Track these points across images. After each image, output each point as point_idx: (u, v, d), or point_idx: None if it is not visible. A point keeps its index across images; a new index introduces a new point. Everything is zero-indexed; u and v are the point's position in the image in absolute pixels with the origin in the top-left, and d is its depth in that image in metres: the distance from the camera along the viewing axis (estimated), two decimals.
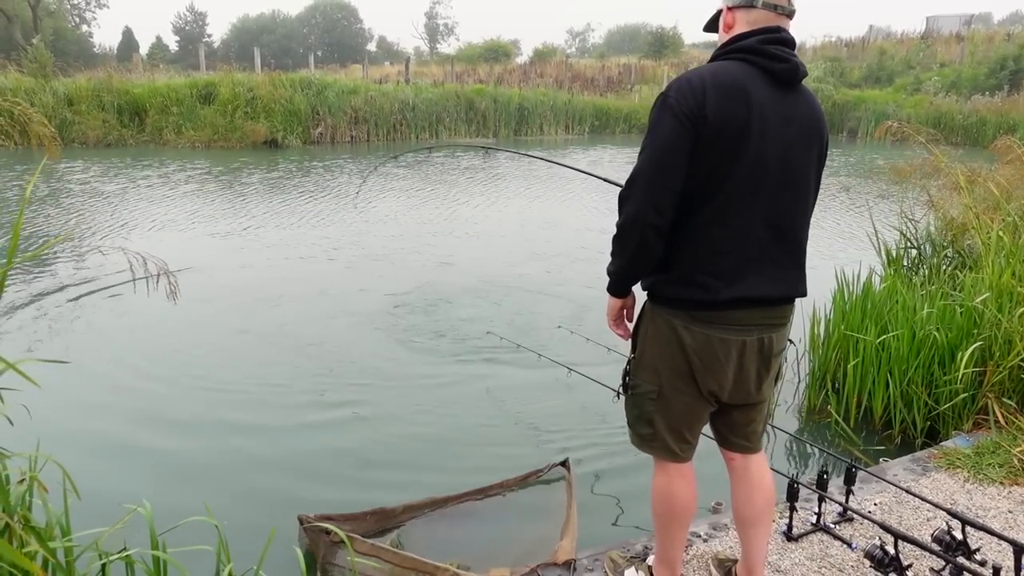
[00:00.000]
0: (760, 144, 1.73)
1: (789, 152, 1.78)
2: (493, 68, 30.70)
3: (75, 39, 44.27)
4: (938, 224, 5.33)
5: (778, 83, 1.77)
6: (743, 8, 1.80)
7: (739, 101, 1.71)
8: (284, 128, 18.13)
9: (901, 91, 23.94)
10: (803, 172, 1.83)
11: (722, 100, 1.70)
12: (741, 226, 1.77)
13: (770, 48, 1.75)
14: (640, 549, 2.51)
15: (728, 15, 1.84)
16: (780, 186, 1.78)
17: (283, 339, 5.30)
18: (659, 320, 1.90)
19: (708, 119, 1.69)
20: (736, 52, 1.78)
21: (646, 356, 1.95)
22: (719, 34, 1.90)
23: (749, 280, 1.79)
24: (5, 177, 12.44)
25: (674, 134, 1.71)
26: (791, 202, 1.82)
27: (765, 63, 1.75)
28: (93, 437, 3.83)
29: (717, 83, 1.71)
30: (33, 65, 17.84)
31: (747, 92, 1.72)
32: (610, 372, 3.75)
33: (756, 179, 1.75)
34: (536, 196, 11.79)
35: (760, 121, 1.72)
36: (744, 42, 1.77)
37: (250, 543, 2.37)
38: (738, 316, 1.82)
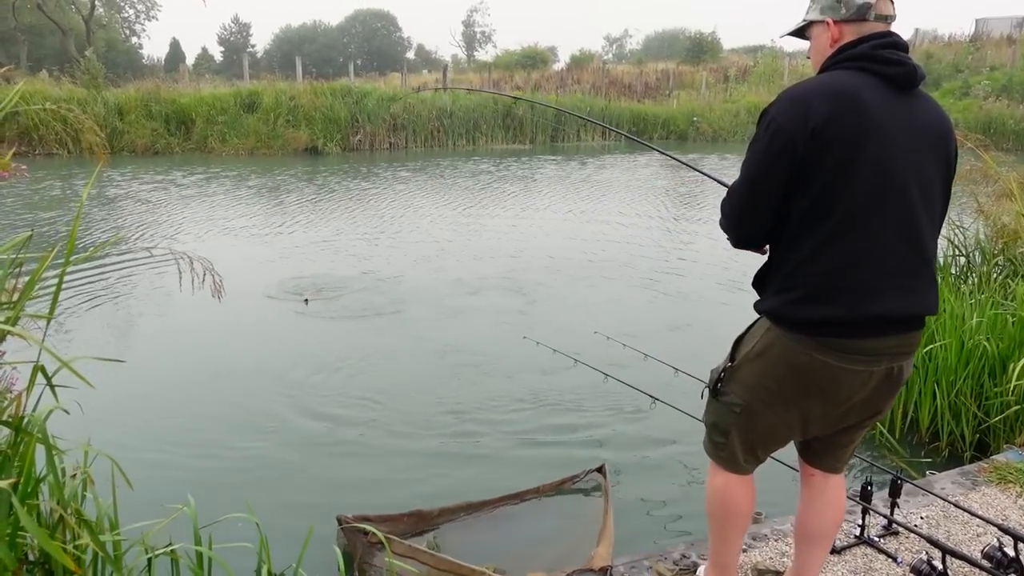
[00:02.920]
0: (880, 151, 1.62)
1: (913, 158, 1.67)
2: (530, 75, 30.76)
3: (125, 51, 45.67)
4: (988, 231, 5.18)
5: (896, 88, 1.67)
6: (854, 22, 1.72)
7: (850, 109, 1.62)
8: (324, 135, 18.43)
9: (949, 95, 23.32)
10: (930, 179, 1.70)
11: (831, 110, 1.61)
12: (870, 239, 1.65)
13: (884, 53, 1.67)
14: (678, 556, 2.49)
15: (835, 28, 1.74)
16: (907, 195, 1.66)
17: (326, 345, 5.38)
18: (777, 342, 1.75)
19: (814, 132, 1.60)
20: (847, 61, 1.70)
21: (744, 370, 1.83)
22: (815, 47, 1.82)
23: (885, 296, 1.66)
24: (65, 178, 12.88)
25: (771, 153, 1.66)
26: (920, 212, 1.69)
27: (880, 68, 1.66)
28: (138, 434, 3.94)
29: (825, 93, 1.64)
30: (86, 76, 18.44)
31: (859, 98, 1.63)
32: (646, 378, 3.73)
33: (881, 189, 1.64)
34: (573, 203, 11.77)
35: (878, 127, 1.63)
36: (855, 49, 1.69)
37: (289, 542, 2.41)
38: (871, 345, 1.68)
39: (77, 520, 1.77)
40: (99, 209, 10.80)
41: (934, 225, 1.75)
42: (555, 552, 2.80)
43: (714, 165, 17.23)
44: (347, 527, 2.75)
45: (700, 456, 3.66)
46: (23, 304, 1.71)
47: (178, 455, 3.76)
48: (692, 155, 19.26)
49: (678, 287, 7.00)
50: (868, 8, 1.69)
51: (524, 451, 3.83)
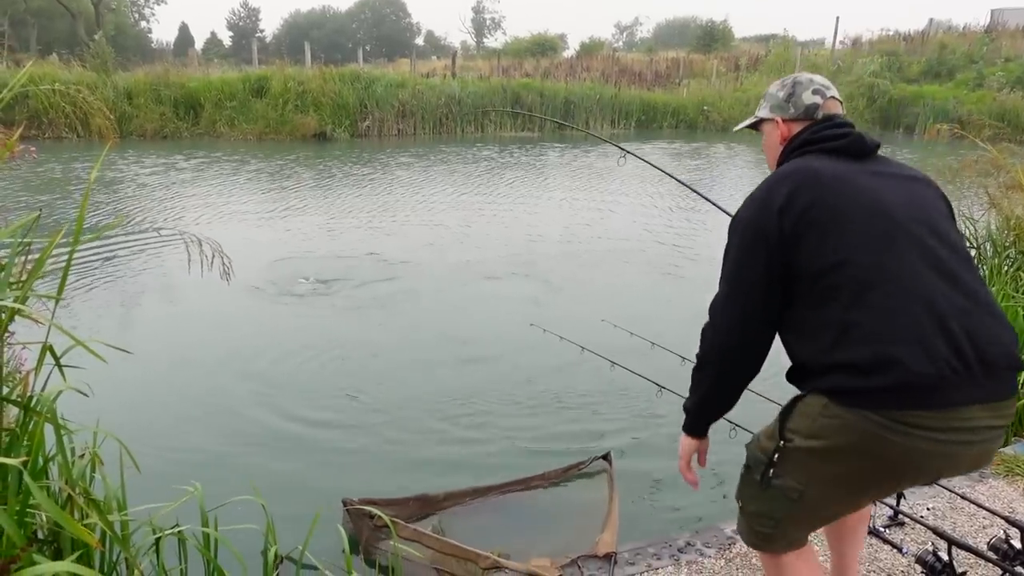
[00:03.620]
0: (860, 196, 1.54)
1: (901, 196, 1.57)
2: (539, 62, 30.59)
3: (134, 35, 45.68)
4: (999, 223, 5.13)
5: (852, 157, 1.63)
6: (802, 121, 1.74)
7: (809, 179, 1.58)
8: (333, 121, 18.40)
9: (962, 86, 23.08)
10: (938, 222, 1.57)
11: (791, 187, 1.57)
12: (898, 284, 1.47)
13: (824, 132, 1.67)
14: (682, 544, 2.49)
15: (783, 127, 1.76)
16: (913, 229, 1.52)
17: (332, 329, 5.40)
18: (838, 422, 1.48)
19: (781, 211, 1.55)
20: (794, 151, 1.71)
21: (806, 455, 1.55)
22: (767, 142, 1.82)
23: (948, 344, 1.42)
24: (66, 162, 12.92)
25: (744, 250, 1.61)
26: (937, 244, 1.53)
27: (825, 145, 1.65)
28: (147, 417, 3.97)
29: (780, 178, 1.61)
30: (95, 60, 18.45)
31: (814, 169, 1.60)
32: (653, 366, 3.72)
33: (879, 231, 1.51)
34: (581, 190, 11.73)
35: (847, 183, 1.56)
36: (799, 138, 1.71)
37: (296, 525, 2.43)
38: (956, 416, 1.43)
39: (86, 500, 1.79)
40: (102, 192, 10.83)
41: (962, 257, 1.55)
42: (560, 538, 2.81)
43: (722, 154, 17.14)
44: (353, 510, 2.76)
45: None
46: (31, 284, 1.72)
47: (186, 438, 3.79)
48: (697, 143, 19.15)
49: (685, 275, 6.99)
50: (816, 109, 1.73)
51: (530, 438, 3.84)
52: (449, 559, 2.55)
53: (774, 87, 1.81)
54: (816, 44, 35.06)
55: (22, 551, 1.47)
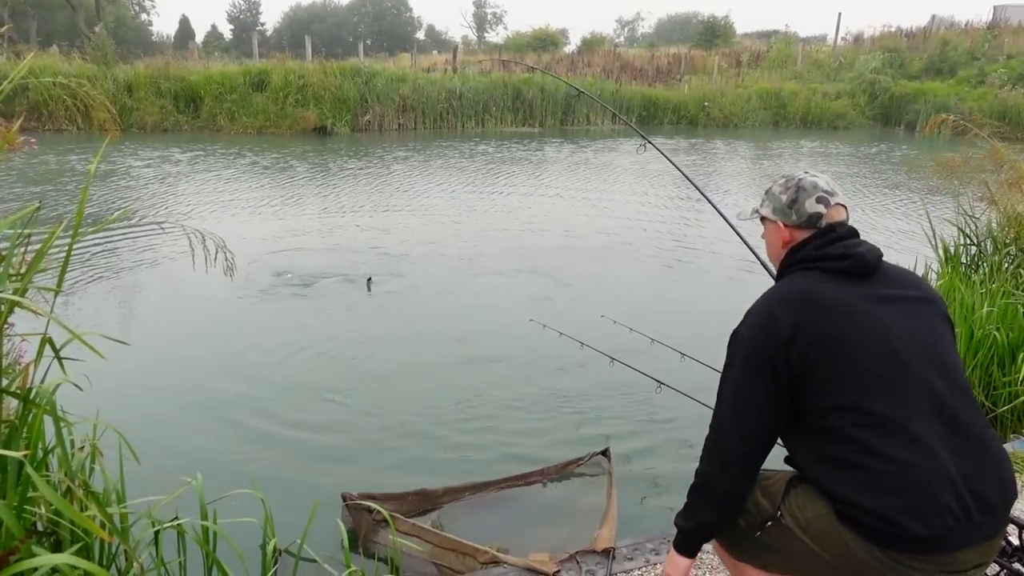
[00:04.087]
0: (862, 334, 1.54)
1: (904, 329, 1.57)
2: (541, 57, 30.55)
3: (135, 27, 45.55)
4: (1000, 220, 5.12)
5: (856, 278, 1.62)
6: (804, 228, 1.71)
7: (814, 308, 1.57)
8: (333, 115, 18.37)
9: (964, 83, 23.05)
10: (941, 351, 1.58)
11: (797, 315, 1.56)
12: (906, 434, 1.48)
13: (828, 250, 1.65)
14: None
15: (785, 232, 1.74)
16: (922, 372, 1.53)
17: (331, 324, 5.40)
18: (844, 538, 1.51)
19: (788, 343, 1.54)
20: (796, 264, 1.70)
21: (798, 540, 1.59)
22: (769, 241, 1.81)
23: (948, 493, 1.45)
24: (61, 154, 12.90)
25: (749, 374, 1.59)
26: (944, 387, 1.53)
27: (829, 265, 1.63)
28: (147, 410, 3.97)
29: (785, 301, 1.61)
30: (96, 53, 18.40)
31: (818, 295, 1.59)
32: (653, 362, 3.72)
33: (882, 370, 1.51)
34: (582, 185, 11.72)
35: (851, 314, 1.55)
36: (801, 252, 1.69)
37: (295, 519, 2.43)
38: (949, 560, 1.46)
39: (85, 492, 1.79)
40: (96, 184, 10.80)
41: (961, 390, 1.56)
42: (559, 533, 2.82)
43: (721, 151, 17.12)
44: (352, 504, 2.77)
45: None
46: (31, 276, 1.72)
47: (185, 431, 3.79)
48: (695, 139, 19.12)
49: (685, 271, 6.98)
50: (819, 218, 1.69)
51: (529, 433, 3.84)
52: (448, 554, 2.56)
53: (777, 187, 1.77)
54: (818, 40, 35.02)
55: (21, 543, 1.48)
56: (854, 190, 11.66)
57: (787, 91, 23.72)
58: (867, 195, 11.22)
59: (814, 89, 23.94)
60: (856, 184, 12.29)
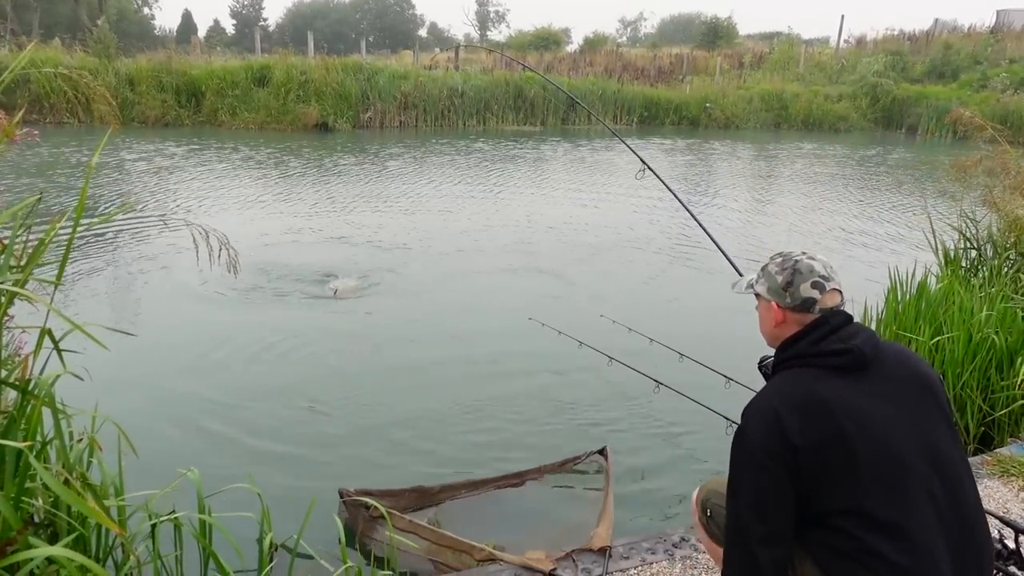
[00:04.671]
0: (873, 444, 1.54)
1: (910, 430, 1.58)
2: (543, 56, 30.50)
3: (137, 21, 45.49)
4: (1001, 225, 5.12)
5: (851, 372, 1.62)
6: (797, 311, 1.70)
7: (819, 413, 1.56)
8: (335, 112, 18.36)
9: (966, 87, 23.05)
10: (939, 444, 1.59)
11: (803, 422, 1.55)
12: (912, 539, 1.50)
13: (823, 346, 1.64)
14: (677, 540, 2.50)
15: (778, 312, 1.72)
16: (927, 475, 1.55)
17: (333, 318, 5.40)
18: None
19: (797, 450, 1.53)
20: (792, 359, 1.68)
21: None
22: (762, 317, 1.80)
23: None
24: (56, 146, 12.89)
25: (764, 476, 1.56)
26: (949, 488, 1.56)
27: (825, 361, 1.62)
28: (146, 405, 3.97)
29: (791, 407, 1.58)
30: (98, 46, 18.37)
31: (822, 399, 1.57)
32: (651, 362, 3.72)
33: (895, 479, 1.53)
34: (582, 183, 11.71)
35: (858, 421, 1.55)
36: (797, 347, 1.68)
37: (292, 514, 2.44)
38: None
39: (82, 484, 1.79)
40: (99, 177, 10.80)
41: (958, 480, 1.58)
42: (555, 531, 2.82)
43: (720, 151, 17.11)
44: (349, 500, 2.77)
45: (702, 441, 3.68)
46: (32, 268, 1.72)
47: (183, 426, 3.79)
48: (693, 140, 19.11)
49: (684, 271, 6.98)
50: (813, 303, 1.68)
51: (528, 432, 3.85)
52: (444, 551, 2.56)
53: (774, 267, 1.76)
54: (820, 42, 34.94)
55: (18, 534, 1.48)
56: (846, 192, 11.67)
57: (789, 93, 23.72)
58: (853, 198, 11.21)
59: (816, 91, 23.94)
60: (848, 186, 12.29)
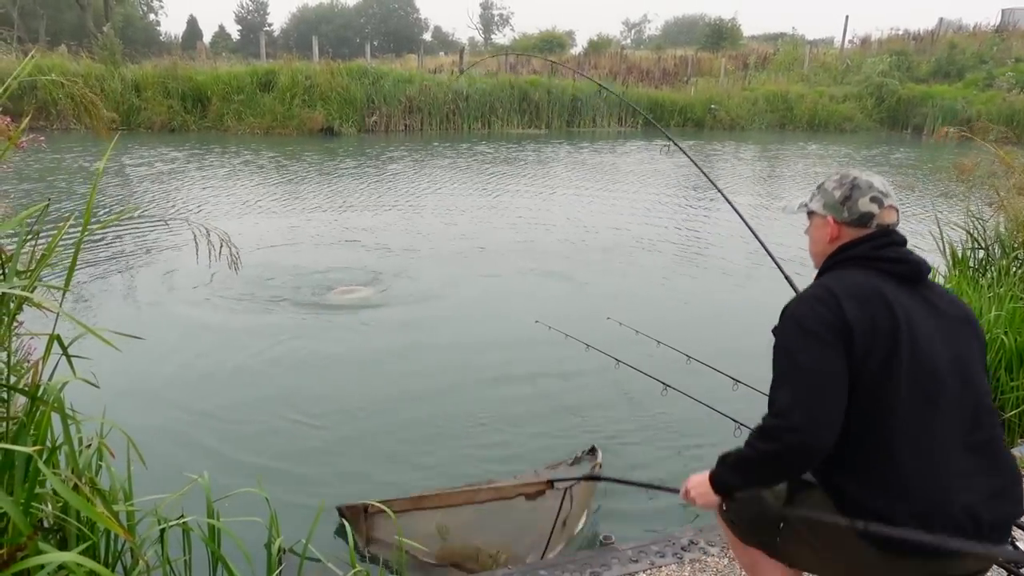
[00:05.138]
0: (916, 346, 1.53)
1: (951, 350, 1.57)
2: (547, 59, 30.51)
3: (143, 27, 45.75)
4: (1009, 225, 5.10)
5: (907, 284, 1.62)
6: (854, 227, 1.69)
7: (881, 305, 1.55)
8: (340, 116, 18.42)
9: (972, 87, 22.97)
10: (972, 369, 1.59)
11: (863, 308, 1.54)
12: (933, 443, 1.51)
13: (886, 252, 1.64)
14: (686, 543, 2.49)
15: (834, 228, 1.72)
16: (956, 390, 1.55)
17: (341, 324, 5.41)
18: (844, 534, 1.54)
19: (856, 333, 1.51)
20: (851, 260, 1.67)
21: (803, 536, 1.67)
22: (814, 237, 1.79)
23: (961, 502, 1.49)
24: (60, 152, 12.96)
25: (825, 355, 1.51)
26: (973, 402, 1.57)
27: (887, 267, 1.63)
28: (153, 408, 3.98)
29: (850, 292, 1.57)
30: (104, 52, 18.48)
31: (884, 296, 1.56)
32: (658, 365, 3.72)
33: (926, 381, 1.52)
34: (588, 186, 11.71)
35: (909, 322, 1.54)
36: (856, 249, 1.67)
37: (299, 518, 2.44)
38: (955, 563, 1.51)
39: (92, 489, 1.79)
40: (103, 183, 10.85)
41: (992, 409, 1.61)
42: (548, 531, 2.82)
43: (722, 152, 17.09)
44: (348, 507, 2.76)
45: (711, 444, 3.67)
46: (40, 272, 1.72)
47: (191, 431, 3.80)
48: (696, 141, 19.09)
49: (691, 273, 6.97)
50: (871, 218, 1.68)
51: (533, 435, 3.84)
52: (447, 557, 2.56)
53: (831, 184, 1.75)
54: (825, 43, 34.88)
55: (28, 539, 1.48)
56: None
57: (794, 94, 23.68)
58: None
59: (821, 92, 23.89)
60: None
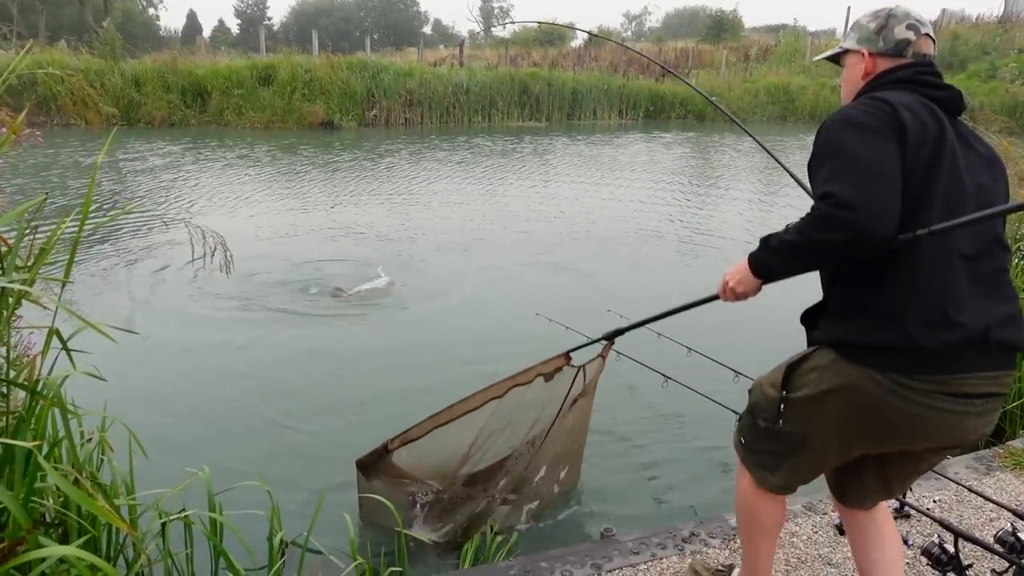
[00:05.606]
0: (954, 162, 1.52)
1: (978, 177, 1.57)
2: (547, 51, 30.44)
3: (142, 22, 45.66)
4: (1011, 217, 5.09)
5: (947, 112, 1.60)
6: (889, 57, 1.68)
7: (930, 116, 1.54)
8: (340, 110, 18.38)
9: (975, 78, 22.85)
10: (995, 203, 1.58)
11: (915, 114, 1.51)
12: (951, 257, 1.50)
13: (929, 78, 1.63)
14: (687, 534, 2.49)
15: (869, 61, 1.70)
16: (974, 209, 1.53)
17: (342, 317, 5.41)
18: (845, 378, 1.55)
19: (908, 131, 1.48)
20: (894, 83, 1.64)
21: (811, 407, 1.63)
22: (847, 76, 1.76)
23: (973, 316, 1.48)
24: (55, 147, 12.94)
25: (880, 146, 1.46)
26: (990, 232, 1.57)
27: (929, 92, 1.60)
28: (153, 403, 3.98)
29: (900, 102, 1.53)
30: (104, 47, 18.44)
31: (933, 110, 1.56)
32: (659, 357, 3.71)
33: (955, 201, 1.51)
34: (589, 178, 11.69)
35: (950, 139, 1.54)
36: (901, 72, 1.65)
37: (301, 511, 2.44)
38: (962, 383, 1.49)
39: (92, 483, 1.79)
40: (81, 178, 10.83)
41: (1005, 245, 1.61)
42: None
43: (720, 144, 17.04)
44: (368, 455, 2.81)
45: (712, 436, 3.66)
46: (39, 267, 1.72)
47: (192, 425, 3.80)
48: (696, 133, 19.04)
49: (693, 265, 6.96)
50: (907, 45, 1.66)
51: None
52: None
53: (865, 18, 1.73)
54: (827, 34, 34.75)
55: (27, 533, 1.48)
56: None
57: (796, 85, 23.59)
58: None
59: (823, 83, 23.79)
60: None
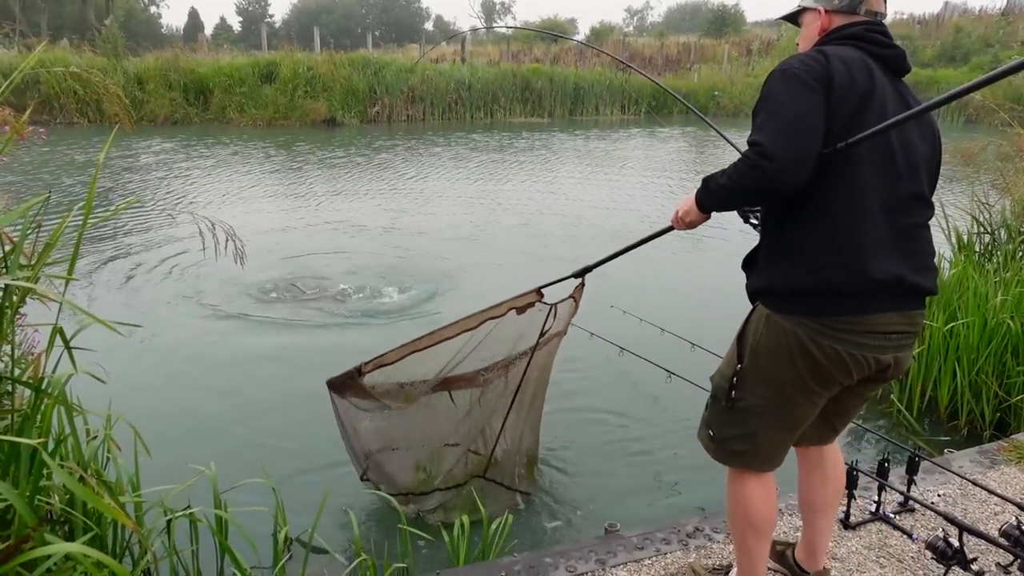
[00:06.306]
0: (884, 117, 1.59)
1: (908, 137, 1.67)
2: (549, 47, 30.39)
3: (144, 20, 45.65)
4: (1015, 208, 5.07)
5: (889, 71, 1.71)
6: (843, 14, 1.76)
7: (863, 71, 1.63)
8: (343, 107, 18.38)
9: (977, 70, 22.78)
10: (922, 155, 1.69)
11: (847, 68, 1.61)
12: (870, 208, 1.61)
13: (876, 36, 1.71)
14: (691, 530, 2.49)
15: (825, 17, 1.78)
16: (900, 164, 1.65)
17: (343, 315, 5.41)
18: (778, 330, 1.69)
19: (835, 83, 1.58)
20: (842, 39, 1.72)
21: (759, 368, 1.74)
22: (805, 34, 1.84)
23: (882, 261, 1.61)
24: (54, 144, 12.97)
25: (807, 97, 1.56)
26: (912, 183, 1.67)
27: (874, 49, 1.69)
28: (158, 400, 3.99)
29: (837, 56, 1.63)
30: (106, 45, 18.46)
31: (868, 65, 1.65)
32: (662, 352, 3.71)
33: (879, 153, 1.62)
34: (591, 174, 11.68)
35: (881, 94, 1.63)
36: (852, 29, 1.73)
37: (306, 508, 2.44)
38: (876, 321, 1.64)
39: (97, 481, 1.80)
40: (81, 175, 10.84)
41: (928, 203, 1.72)
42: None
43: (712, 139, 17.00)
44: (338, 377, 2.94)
45: None
46: (43, 264, 1.72)
47: (197, 422, 3.81)
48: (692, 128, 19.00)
49: (695, 261, 6.96)
50: (860, 2, 1.74)
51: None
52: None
53: None
54: None
55: (33, 531, 1.49)
56: None
57: None
58: None
59: None
60: None
